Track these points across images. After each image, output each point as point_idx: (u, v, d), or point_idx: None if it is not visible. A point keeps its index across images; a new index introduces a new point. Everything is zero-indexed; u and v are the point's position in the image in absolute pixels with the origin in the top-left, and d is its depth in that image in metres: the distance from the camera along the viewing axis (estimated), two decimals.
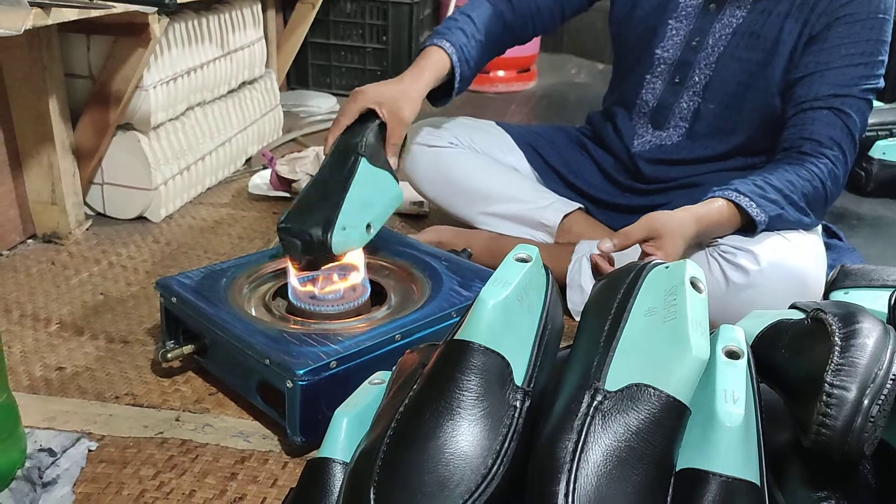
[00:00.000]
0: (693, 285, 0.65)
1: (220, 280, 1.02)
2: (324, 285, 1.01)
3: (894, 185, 1.81)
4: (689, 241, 1.04)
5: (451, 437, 0.60)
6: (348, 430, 0.70)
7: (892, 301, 0.74)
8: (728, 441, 0.60)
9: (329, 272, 1.02)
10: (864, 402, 0.59)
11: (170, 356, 0.98)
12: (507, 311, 0.65)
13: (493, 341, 0.64)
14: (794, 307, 0.78)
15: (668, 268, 0.68)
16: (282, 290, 1.04)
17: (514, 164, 1.39)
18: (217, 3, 1.70)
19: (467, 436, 0.60)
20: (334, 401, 0.76)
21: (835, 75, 1.11)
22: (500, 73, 2.73)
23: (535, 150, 1.40)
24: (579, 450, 0.56)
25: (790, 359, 0.69)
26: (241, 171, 1.81)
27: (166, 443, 0.90)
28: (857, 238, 1.56)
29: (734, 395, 0.61)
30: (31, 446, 0.84)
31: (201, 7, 1.62)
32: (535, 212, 1.28)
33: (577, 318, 1.16)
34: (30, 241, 1.40)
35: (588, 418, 0.58)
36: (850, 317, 0.66)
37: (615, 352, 0.62)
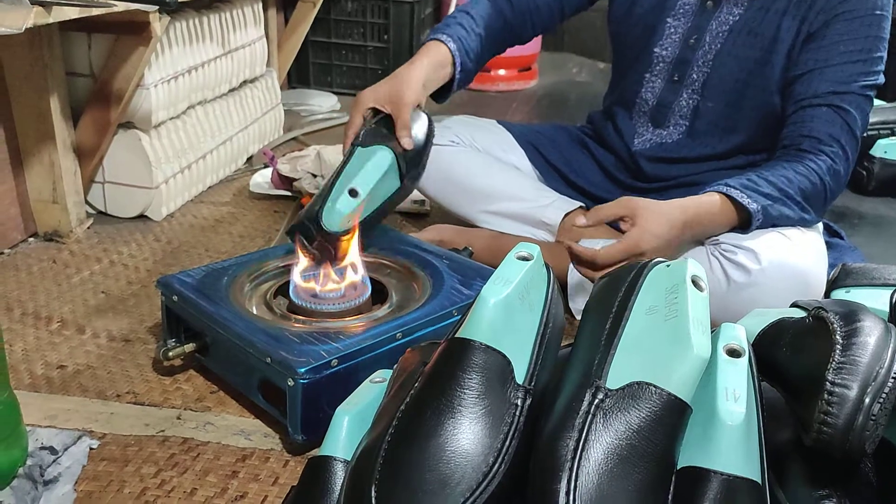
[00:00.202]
0: (694, 284, 0.65)
1: (221, 278, 1.02)
2: (325, 283, 1.01)
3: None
4: (675, 226, 1.02)
5: (453, 435, 0.60)
6: (349, 428, 0.70)
7: (894, 300, 0.75)
8: (729, 439, 0.60)
9: (329, 269, 1.02)
10: (866, 400, 0.59)
11: (171, 354, 0.98)
12: (508, 310, 0.65)
13: (494, 339, 0.64)
14: (795, 305, 0.78)
15: (669, 266, 0.68)
16: (283, 289, 1.04)
17: (516, 162, 1.39)
18: (218, 1, 1.70)
19: (468, 434, 0.60)
20: (335, 399, 0.76)
21: (834, 72, 1.11)
22: (501, 71, 2.73)
23: (536, 149, 1.40)
24: (580, 448, 0.56)
25: (791, 357, 0.69)
26: (242, 169, 1.81)
27: (167, 441, 0.90)
28: (859, 237, 1.56)
29: (735, 393, 0.61)
30: (33, 444, 0.84)
31: (202, 5, 1.62)
32: (536, 210, 1.28)
33: (577, 316, 1.16)
34: (31, 240, 1.41)
35: (589, 416, 0.58)
36: (851, 315, 0.66)
37: (616, 350, 0.62)
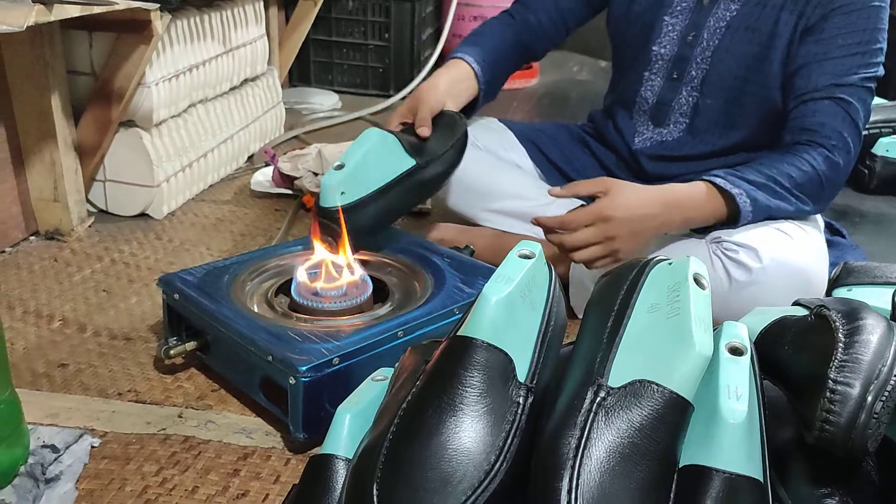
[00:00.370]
0: (696, 282, 0.65)
1: (222, 277, 1.02)
2: (327, 281, 1.01)
3: None
4: (650, 203, 1.04)
5: (454, 433, 0.60)
6: (351, 426, 0.70)
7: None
8: (731, 438, 0.60)
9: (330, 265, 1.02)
10: (868, 398, 0.59)
11: (172, 353, 0.98)
12: (510, 308, 0.65)
13: (495, 338, 0.64)
14: (797, 304, 0.78)
15: (671, 264, 0.68)
16: (284, 287, 1.04)
17: (517, 160, 1.38)
18: None
19: (470, 432, 0.60)
20: (337, 397, 0.76)
21: (833, 65, 1.11)
22: None
23: (537, 147, 1.40)
24: (582, 446, 0.56)
25: (793, 355, 0.69)
26: (243, 168, 1.81)
27: (169, 439, 0.90)
28: (860, 235, 1.55)
29: (737, 391, 0.61)
30: (34, 443, 0.84)
31: (203, 4, 1.62)
32: (537, 209, 1.28)
33: (579, 315, 1.16)
34: (32, 238, 1.41)
35: (591, 414, 0.58)
36: (853, 313, 0.66)
37: (618, 348, 0.62)
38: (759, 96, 1.19)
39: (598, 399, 0.58)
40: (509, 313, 0.65)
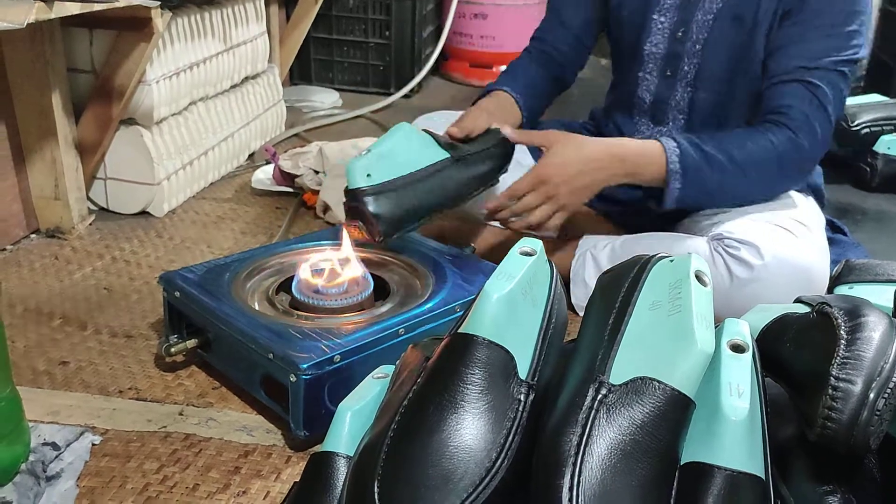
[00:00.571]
0: (698, 279, 0.65)
1: (223, 274, 1.02)
2: (329, 279, 1.01)
3: None
4: (590, 157, 1.08)
5: (455, 430, 0.60)
6: (352, 424, 0.70)
7: None
8: (733, 435, 0.59)
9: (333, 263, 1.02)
10: (870, 395, 0.58)
11: (173, 350, 0.98)
12: (511, 305, 0.65)
13: (497, 335, 0.63)
14: (799, 301, 0.78)
15: (672, 261, 0.68)
16: (285, 285, 1.04)
17: (518, 158, 1.37)
18: None
19: (471, 429, 0.60)
20: (338, 395, 0.76)
21: (805, 48, 1.11)
22: (503, 68, 2.71)
23: None
24: (584, 443, 0.56)
25: (795, 352, 0.69)
26: (243, 166, 1.81)
27: (170, 437, 0.90)
28: (862, 233, 1.55)
29: (739, 388, 0.61)
30: (35, 440, 0.84)
31: (204, 1, 1.61)
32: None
33: (580, 313, 1.16)
34: (33, 236, 1.40)
35: (593, 412, 0.58)
36: (855, 310, 0.65)
37: (620, 345, 0.62)
38: (751, 86, 1.18)
39: (600, 396, 0.58)
40: (510, 310, 0.65)
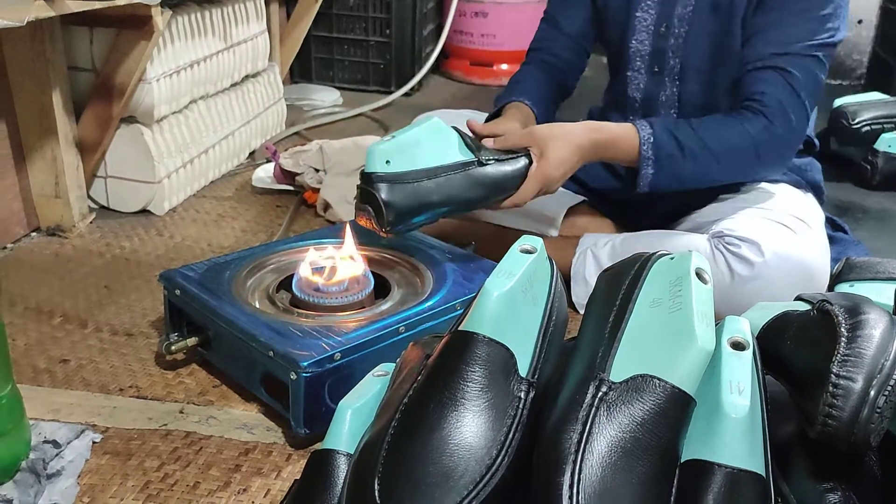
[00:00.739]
0: (698, 276, 0.64)
1: (223, 273, 1.02)
2: (329, 277, 1.01)
3: None
4: (580, 148, 1.08)
5: (456, 428, 0.60)
6: (352, 421, 0.70)
7: None
8: (733, 432, 0.59)
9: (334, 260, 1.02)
10: (871, 392, 0.58)
11: (174, 348, 0.98)
12: (511, 303, 0.65)
13: (497, 332, 0.63)
14: (799, 299, 0.78)
15: (673, 259, 0.68)
16: (286, 283, 1.04)
17: None
18: None
19: (471, 427, 0.60)
20: (338, 393, 0.76)
21: (777, 34, 1.11)
22: (503, 66, 2.72)
23: None
24: (584, 441, 0.56)
25: (796, 350, 0.69)
26: (244, 164, 1.81)
27: (170, 435, 0.90)
28: (863, 231, 1.55)
29: (740, 386, 0.61)
30: (36, 438, 0.84)
31: (204, 0, 1.62)
32: (538, 205, 1.28)
33: (581, 310, 1.16)
34: (34, 235, 1.41)
35: (593, 409, 0.57)
36: (856, 308, 0.65)
37: (620, 343, 0.62)
38: (731, 75, 1.18)
39: (600, 394, 0.58)
40: (511, 308, 0.65)
